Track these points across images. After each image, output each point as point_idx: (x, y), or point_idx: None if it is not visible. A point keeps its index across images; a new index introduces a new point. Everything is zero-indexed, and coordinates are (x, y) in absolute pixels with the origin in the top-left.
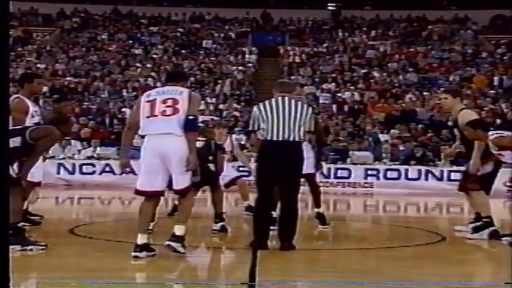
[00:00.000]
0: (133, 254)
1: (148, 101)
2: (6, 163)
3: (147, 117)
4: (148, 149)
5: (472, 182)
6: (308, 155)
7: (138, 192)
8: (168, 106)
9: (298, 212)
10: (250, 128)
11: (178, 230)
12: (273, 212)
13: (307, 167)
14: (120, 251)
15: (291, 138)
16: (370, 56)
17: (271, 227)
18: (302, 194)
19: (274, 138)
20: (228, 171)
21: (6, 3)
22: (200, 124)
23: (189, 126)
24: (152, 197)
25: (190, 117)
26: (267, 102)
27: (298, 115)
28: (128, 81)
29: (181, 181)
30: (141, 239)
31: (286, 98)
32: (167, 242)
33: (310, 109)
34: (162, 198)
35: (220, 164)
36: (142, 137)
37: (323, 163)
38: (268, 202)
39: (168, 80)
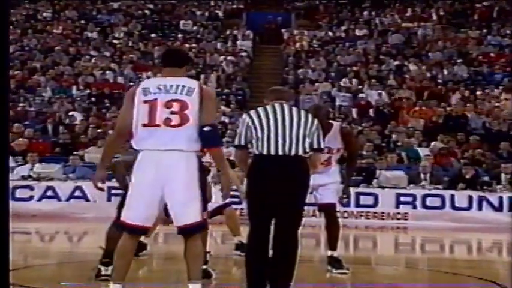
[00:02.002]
0: None
1: (146, 102)
2: (6, 163)
3: (145, 125)
4: (143, 167)
5: None
6: (334, 178)
7: (123, 226)
8: (173, 112)
9: (298, 251)
10: (236, 143)
11: None
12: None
13: (328, 195)
14: None
15: (293, 152)
16: (404, 43)
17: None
18: (313, 228)
19: (272, 152)
20: (213, 197)
21: (6, 3)
22: None
23: (208, 140)
24: (139, 233)
25: (206, 128)
26: (260, 109)
27: (302, 124)
28: (79, 75)
29: (191, 214)
30: None
31: (285, 105)
32: None
33: (316, 121)
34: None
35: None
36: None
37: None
38: (265, 238)
39: (166, 63)
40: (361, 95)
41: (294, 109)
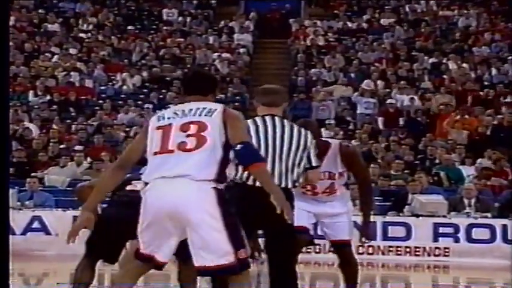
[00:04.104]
0: None
1: (159, 128)
2: (6, 164)
3: (156, 153)
4: (148, 201)
5: None
6: (343, 207)
7: (140, 256)
8: (189, 135)
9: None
10: None
11: None
12: None
13: (339, 230)
14: None
15: (283, 184)
16: (441, 35)
17: None
18: (329, 266)
19: (256, 183)
20: None
21: (6, 3)
22: None
23: (244, 158)
24: (147, 262)
25: (238, 147)
26: (250, 123)
27: (294, 147)
28: (37, 77)
29: (215, 255)
30: None
31: (277, 119)
32: None
33: (311, 137)
34: None
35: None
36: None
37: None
38: None
39: (188, 91)
40: (389, 100)
41: (287, 125)
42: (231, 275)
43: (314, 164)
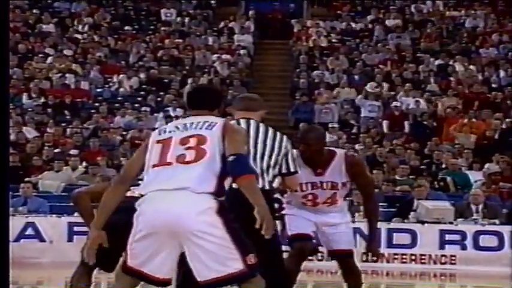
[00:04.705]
0: None
1: (159, 141)
2: (6, 165)
3: (154, 166)
4: (145, 213)
5: None
6: (344, 217)
7: (127, 270)
8: (189, 148)
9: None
10: None
11: None
12: None
13: (340, 240)
14: None
15: (260, 185)
16: (448, 37)
17: None
18: (333, 274)
19: (234, 185)
20: None
21: (6, 3)
22: None
23: (233, 170)
24: (134, 277)
25: (230, 158)
26: None
27: (268, 150)
28: (31, 79)
29: (219, 263)
30: None
31: (252, 122)
32: None
33: (286, 141)
34: None
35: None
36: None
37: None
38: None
39: (193, 105)
40: (394, 103)
41: (261, 128)
42: (243, 283)
43: (292, 169)
